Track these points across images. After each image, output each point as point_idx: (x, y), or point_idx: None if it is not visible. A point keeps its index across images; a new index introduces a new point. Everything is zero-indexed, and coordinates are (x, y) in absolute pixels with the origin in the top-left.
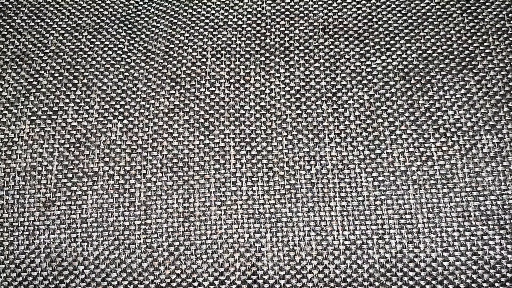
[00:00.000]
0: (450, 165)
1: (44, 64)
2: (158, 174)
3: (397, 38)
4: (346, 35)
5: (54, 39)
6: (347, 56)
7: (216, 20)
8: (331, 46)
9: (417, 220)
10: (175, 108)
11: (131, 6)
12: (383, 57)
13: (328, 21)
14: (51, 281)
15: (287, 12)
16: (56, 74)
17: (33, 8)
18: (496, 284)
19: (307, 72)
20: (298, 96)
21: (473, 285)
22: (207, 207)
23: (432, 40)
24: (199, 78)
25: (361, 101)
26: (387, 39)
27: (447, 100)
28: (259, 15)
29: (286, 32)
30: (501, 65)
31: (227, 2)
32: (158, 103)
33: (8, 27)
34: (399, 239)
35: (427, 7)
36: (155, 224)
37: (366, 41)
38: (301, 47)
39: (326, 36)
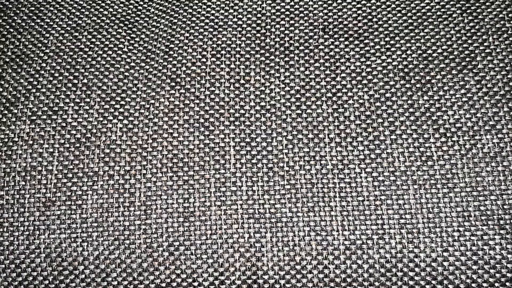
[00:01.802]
0: (450, 165)
1: (44, 64)
2: (158, 174)
3: (397, 38)
4: (346, 35)
5: (54, 39)
6: (347, 56)
7: (216, 20)
8: (331, 46)
9: (417, 220)
10: (175, 108)
11: (131, 6)
12: (383, 57)
13: (328, 21)
14: (51, 281)
15: (287, 12)
16: (56, 74)
17: (33, 8)
18: (496, 284)
19: (307, 72)
20: (298, 96)
21: (473, 285)
22: (207, 207)
23: (432, 40)
24: (199, 78)
25: (361, 101)
26: (387, 39)
27: (447, 100)
28: (259, 15)
29: (286, 32)
30: (501, 65)
31: (227, 2)
32: (158, 103)
33: (8, 27)
34: (399, 239)
35: (427, 7)
36: (155, 224)
37: (366, 41)
38: (301, 47)
39: (326, 36)
